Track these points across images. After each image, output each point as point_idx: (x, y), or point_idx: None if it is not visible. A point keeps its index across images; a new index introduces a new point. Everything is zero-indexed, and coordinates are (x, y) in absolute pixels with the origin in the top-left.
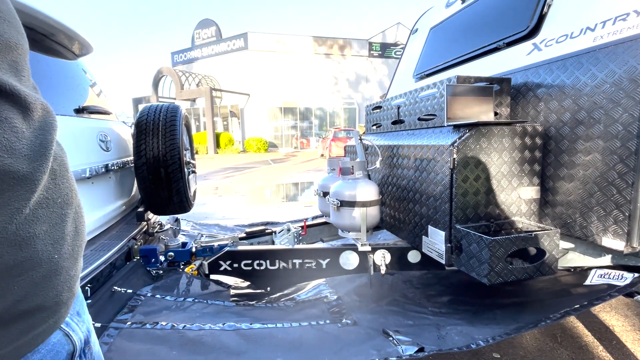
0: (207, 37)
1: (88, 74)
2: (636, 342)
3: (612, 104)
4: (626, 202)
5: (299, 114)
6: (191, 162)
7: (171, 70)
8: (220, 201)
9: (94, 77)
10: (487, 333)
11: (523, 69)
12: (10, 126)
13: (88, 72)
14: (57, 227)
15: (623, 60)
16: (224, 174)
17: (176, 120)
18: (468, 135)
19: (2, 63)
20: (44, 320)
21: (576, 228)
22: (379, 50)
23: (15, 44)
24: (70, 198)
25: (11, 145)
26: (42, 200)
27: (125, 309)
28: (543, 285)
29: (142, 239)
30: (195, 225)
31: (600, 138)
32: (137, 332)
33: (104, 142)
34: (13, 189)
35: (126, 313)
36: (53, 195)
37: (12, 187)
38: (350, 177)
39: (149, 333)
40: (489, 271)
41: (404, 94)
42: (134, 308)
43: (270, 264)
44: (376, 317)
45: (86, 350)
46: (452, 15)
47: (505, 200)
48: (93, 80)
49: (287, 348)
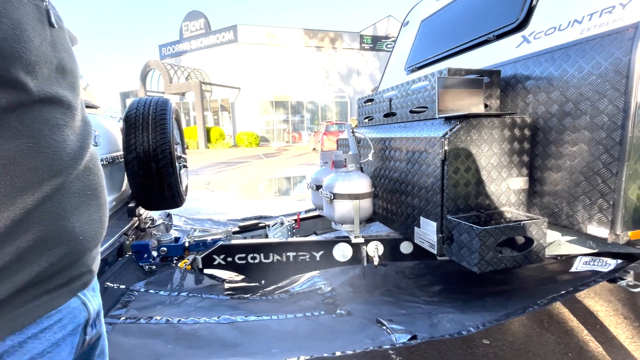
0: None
1: None
2: (618, 326)
3: (598, 96)
4: (610, 191)
5: (290, 108)
6: (182, 156)
7: (159, 64)
8: (212, 196)
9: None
10: (478, 320)
11: (512, 61)
12: (61, 131)
13: None
14: (85, 214)
15: (609, 52)
16: (216, 169)
17: (166, 113)
18: (459, 127)
19: (63, 83)
20: (66, 285)
21: (563, 217)
22: (370, 43)
23: (71, 69)
24: (97, 192)
25: (58, 145)
26: (75, 190)
27: (119, 305)
28: (531, 272)
29: (133, 235)
30: (188, 220)
31: (586, 129)
32: (131, 327)
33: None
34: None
35: (120, 308)
36: (84, 187)
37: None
38: (342, 170)
39: (144, 328)
40: (479, 260)
41: (395, 87)
42: (127, 303)
43: (264, 257)
44: (370, 307)
45: (97, 322)
46: (442, 8)
47: (495, 191)
48: None
49: (283, 339)
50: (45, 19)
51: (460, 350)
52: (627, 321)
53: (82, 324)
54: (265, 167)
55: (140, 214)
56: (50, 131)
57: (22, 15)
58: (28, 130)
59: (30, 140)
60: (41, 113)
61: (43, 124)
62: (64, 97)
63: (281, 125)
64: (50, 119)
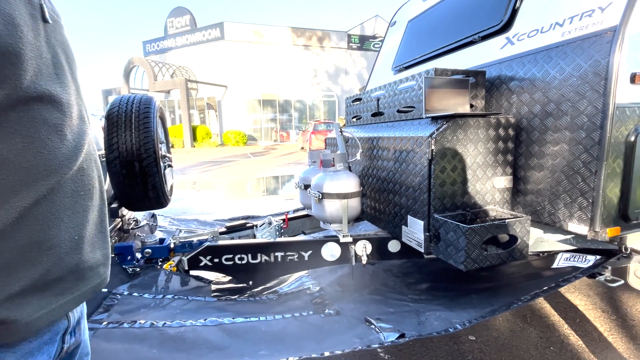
0: (180, 26)
1: None
2: (597, 320)
3: (579, 97)
4: (590, 190)
5: (278, 107)
6: (167, 155)
7: (143, 61)
8: (198, 196)
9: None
10: (464, 317)
11: (497, 62)
12: (57, 130)
13: None
14: (79, 215)
15: (588, 54)
16: (202, 168)
17: (150, 111)
18: (445, 126)
19: (58, 80)
20: (68, 290)
21: (545, 215)
22: (357, 43)
23: (67, 66)
24: (92, 193)
25: (53, 145)
26: (69, 191)
27: (101, 309)
28: (515, 269)
29: (116, 236)
30: (173, 221)
31: (567, 129)
32: (114, 332)
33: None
34: (44, 178)
35: (101, 313)
36: (78, 188)
37: (46, 177)
38: (331, 169)
39: (127, 332)
40: (465, 258)
41: (383, 86)
42: (109, 307)
43: (251, 258)
44: (358, 306)
45: (77, 330)
46: (429, 8)
47: (481, 190)
48: None
49: (271, 340)
50: (38, 14)
51: (447, 347)
52: (604, 314)
53: (60, 332)
54: (252, 166)
55: (123, 215)
56: (47, 131)
57: (14, 10)
58: (24, 130)
59: (26, 140)
60: (39, 112)
61: (40, 123)
62: (59, 95)
63: (269, 124)
64: (48, 118)
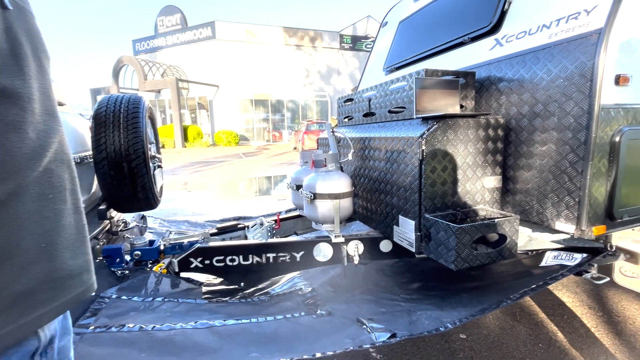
0: (171, 24)
1: None
2: (584, 316)
3: (565, 98)
4: (576, 189)
5: (270, 107)
6: (157, 156)
7: (133, 60)
8: (189, 197)
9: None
10: (455, 316)
11: (486, 63)
12: (17, 129)
13: None
14: (50, 220)
15: (575, 56)
16: (193, 169)
17: (139, 111)
18: (436, 127)
19: (19, 71)
20: (44, 302)
21: (534, 214)
22: (349, 43)
23: (31, 55)
24: (64, 195)
25: (12, 145)
26: (33, 194)
27: (88, 313)
28: (504, 268)
29: (105, 239)
30: (164, 222)
31: (554, 129)
32: (101, 336)
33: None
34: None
35: (89, 317)
36: (45, 191)
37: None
38: (322, 169)
39: (115, 336)
40: (455, 257)
41: (374, 87)
42: (97, 311)
43: (243, 259)
44: (350, 307)
45: (49, 350)
46: (420, 9)
47: (471, 190)
48: None
49: (262, 342)
50: None
51: (439, 346)
52: (591, 311)
53: (30, 352)
54: (245, 167)
55: (112, 217)
56: (3, 129)
57: None
58: None
59: None
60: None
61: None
62: (18, 89)
63: (261, 124)
64: (4, 115)
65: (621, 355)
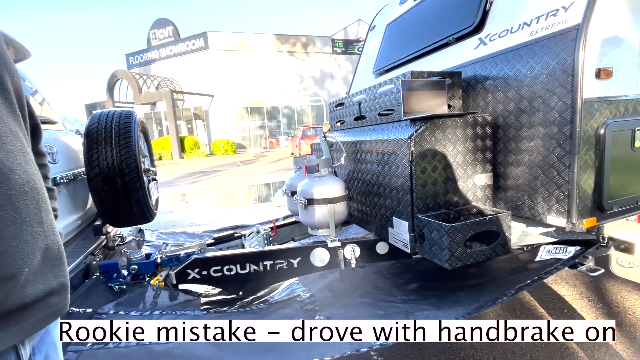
0: (164, 37)
1: (27, 81)
2: (583, 309)
3: (549, 93)
4: (565, 183)
5: (266, 114)
6: (151, 169)
7: (127, 73)
8: (188, 207)
9: (35, 85)
10: (452, 315)
11: (471, 62)
12: None
13: (27, 80)
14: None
15: (555, 52)
16: (191, 179)
17: (131, 126)
18: (423, 128)
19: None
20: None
21: (525, 209)
22: (342, 47)
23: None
24: (39, 219)
25: None
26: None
27: None
28: (501, 264)
29: (101, 254)
30: (161, 235)
31: (540, 125)
32: (99, 352)
33: (50, 153)
34: None
35: None
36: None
37: None
38: (316, 175)
39: (113, 352)
40: (449, 256)
41: (364, 90)
42: None
43: (240, 268)
44: (349, 310)
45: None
46: (406, 12)
47: (462, 188)
48: (34, 88)
49: (261, 350)
50: None
51: (439, 346)
52: (591, 303)
53: None
54: (242, 175)
55: (108, 232)
56: None
57: None
58: None
59: None
60: None
61: None
62: None
63: (257, 131)
64: None
65: (622, 346)
